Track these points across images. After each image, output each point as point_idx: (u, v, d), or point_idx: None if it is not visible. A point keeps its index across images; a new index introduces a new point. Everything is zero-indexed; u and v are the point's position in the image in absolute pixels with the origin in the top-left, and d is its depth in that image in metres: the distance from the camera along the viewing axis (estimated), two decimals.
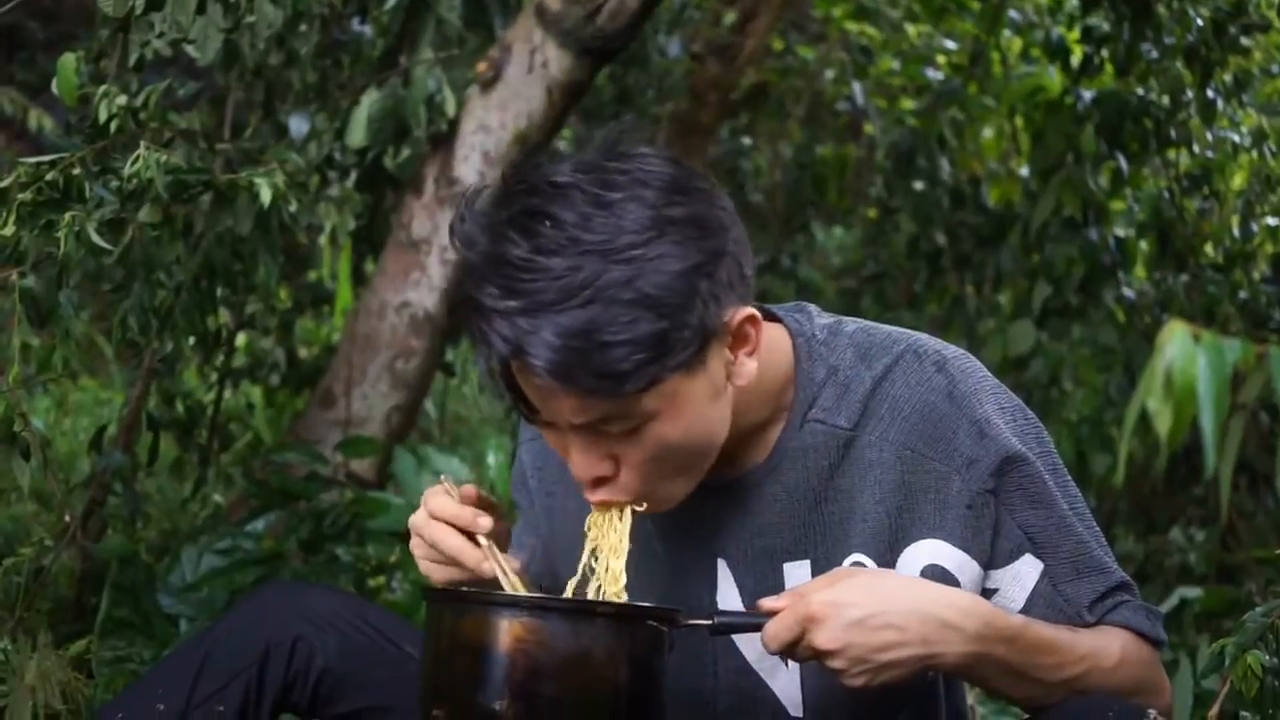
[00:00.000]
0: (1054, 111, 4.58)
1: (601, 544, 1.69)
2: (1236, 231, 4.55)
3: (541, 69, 3.42)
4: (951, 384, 1.73)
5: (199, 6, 2.59)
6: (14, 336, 2.33)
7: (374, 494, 3.36)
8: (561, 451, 1.68)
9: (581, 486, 1.68)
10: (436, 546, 1.70)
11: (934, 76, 5.87)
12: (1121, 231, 4.67)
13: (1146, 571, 4.30)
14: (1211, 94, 4.31)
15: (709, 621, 1.69)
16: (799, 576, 1.76)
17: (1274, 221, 4.60)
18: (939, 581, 1.71)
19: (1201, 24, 4.18)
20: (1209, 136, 4.53)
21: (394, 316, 3.50)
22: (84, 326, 4.10)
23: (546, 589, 1.84)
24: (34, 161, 2.40)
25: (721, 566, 1.80)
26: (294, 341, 4.08)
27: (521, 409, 1.66)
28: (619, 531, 1.68)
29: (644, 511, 1.69)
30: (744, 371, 1.66)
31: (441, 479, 1.75)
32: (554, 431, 1.66)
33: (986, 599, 1.73)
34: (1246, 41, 4.43)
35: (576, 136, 6.18)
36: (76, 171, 2.41)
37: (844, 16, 6.21)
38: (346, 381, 3.51)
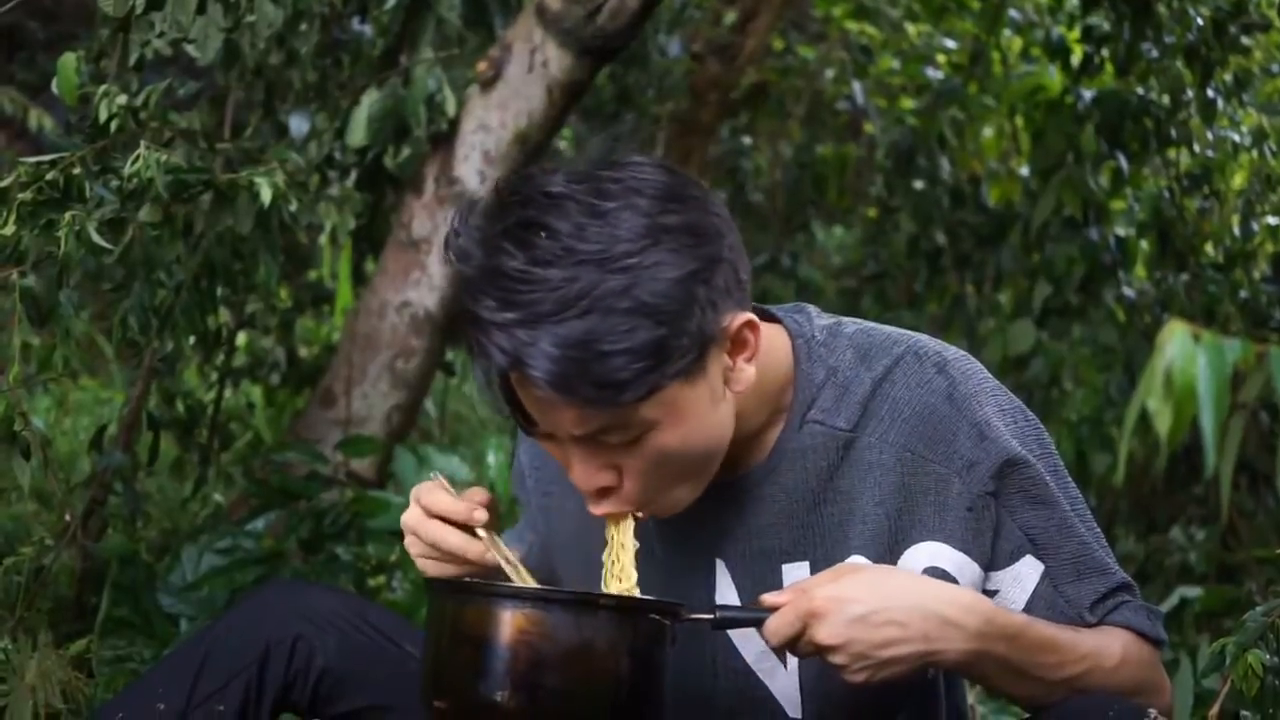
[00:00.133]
0: (1054, 111, 4.58)
1: (615, 544, 1.69)
2: (1237, 231, 4.55)
3: (542, 68, 3.42)
4: (952, 386, 1.73)
5: (199, 6, 2.58)
6: (14, 336, 2.33)
7: (374, 493, 3.36)
8: (563, 462, 1.68)
9: (586, 497, 1.68)
10: (436, 545, 1.70)
11: (934, 76, 5.87)
12: (1122, 231, 4.67)
13: (1147, 571, 4.29)
14: (1212, 93, 4.30)
15: (711, 615, 1.69)
16: (798, 578, 1.76)
17: (1274, 221, 4.60)
18: None
19: (1202, 23, 4.18)
20: (1209, 136, 4.52)
21: (394, 316, 3.50)
22: (84, 326, 4.09)
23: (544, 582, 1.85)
24: (34, 161, 2.40)
25: (720, 568, 1.80)
26: (294, 341, 4.07)
27: (520, 421, 1.66)
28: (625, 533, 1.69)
29: (645, 517, 1.69)
30: (743, 377, 1.66)
31: (433, 475, 1.74)
32: (554, 443, 1.66)
33: None
34: (1247, 41, 4.43)
35: (576, 136, 6.18)
36: (77, 171, 2.41)
37: (844, 16, 6.21)
38: (347, 381, 3.51)
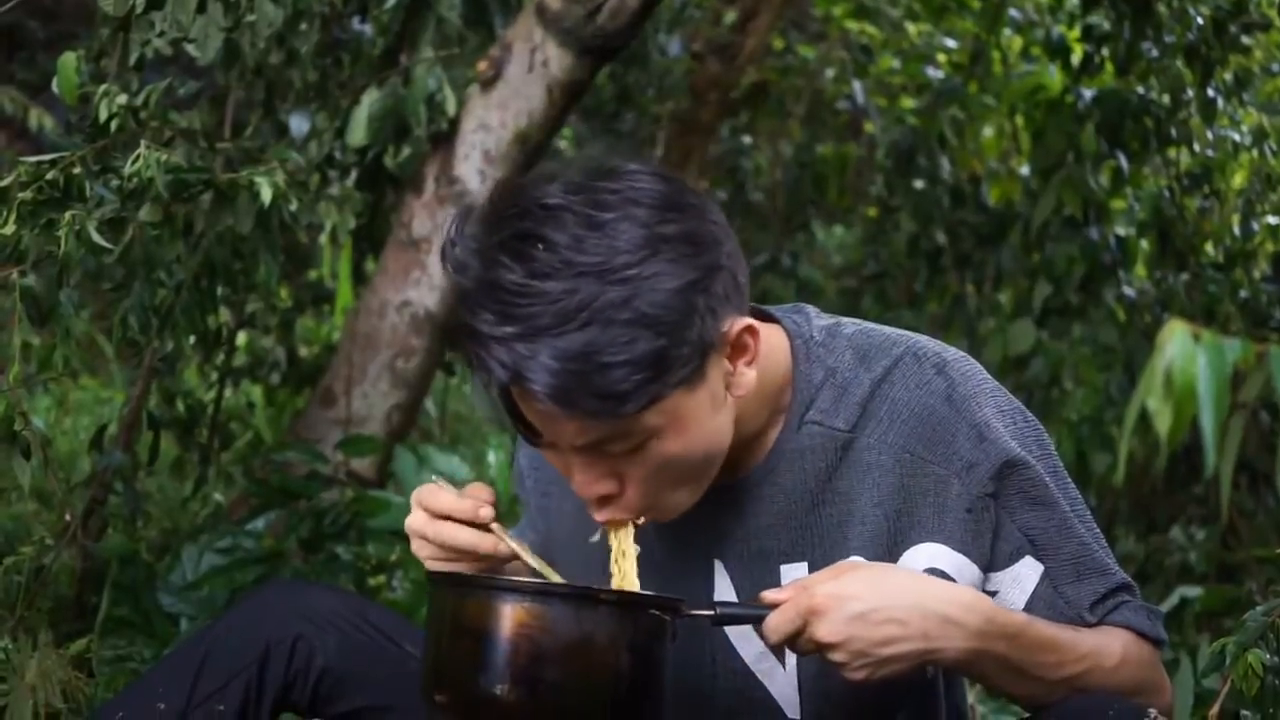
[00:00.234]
0: (1054, 110, 4.58)
1: (617, 550, 1.69)
2: (1237, 230, 4.55)
3: (542, 68, 3.42)
4: (951, 387, 1.73)
5: (199, 5, 2.58)
6: (14, 335, 2.33)
7: (374, 493, 3.36)
8: (564, 471, 1.67)
9: (587, 504, 1.68)
10: (447, 545, 1.69)
11: (934, 75, 5.87)
12: (1122, 230, 4.67)
13: (1147, 571, 4.29)
14: (1212, 93, 4.31)
15: (711, 612, 1.69)
16: (796, 579, 1.75)
17: (1274, 220, 4.60)
18: None
19: (1202, 23, 4.18)
20: (1209, 135, 4.52)
21: (394, 315, 3.50)
22: (84, 325, 4.09)
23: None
24: (34, 160, 2.40)
25: (719, 569, 1.79)
26: (294, 340, 4.08)
27: (523, 433, 1.65)
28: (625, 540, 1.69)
29: (645, 522, 1.69)
30: (743, 381, 1.66)
31: (434, 479, 1.74)
32: (555, 452, 1.66)
33: None
34: (1247, 40, 4.43)
35: (577, 136, 6.19)
36: (77, 170, 2.41)
37: (844, 15, 6.22)
38: (347, 380, 3.51)
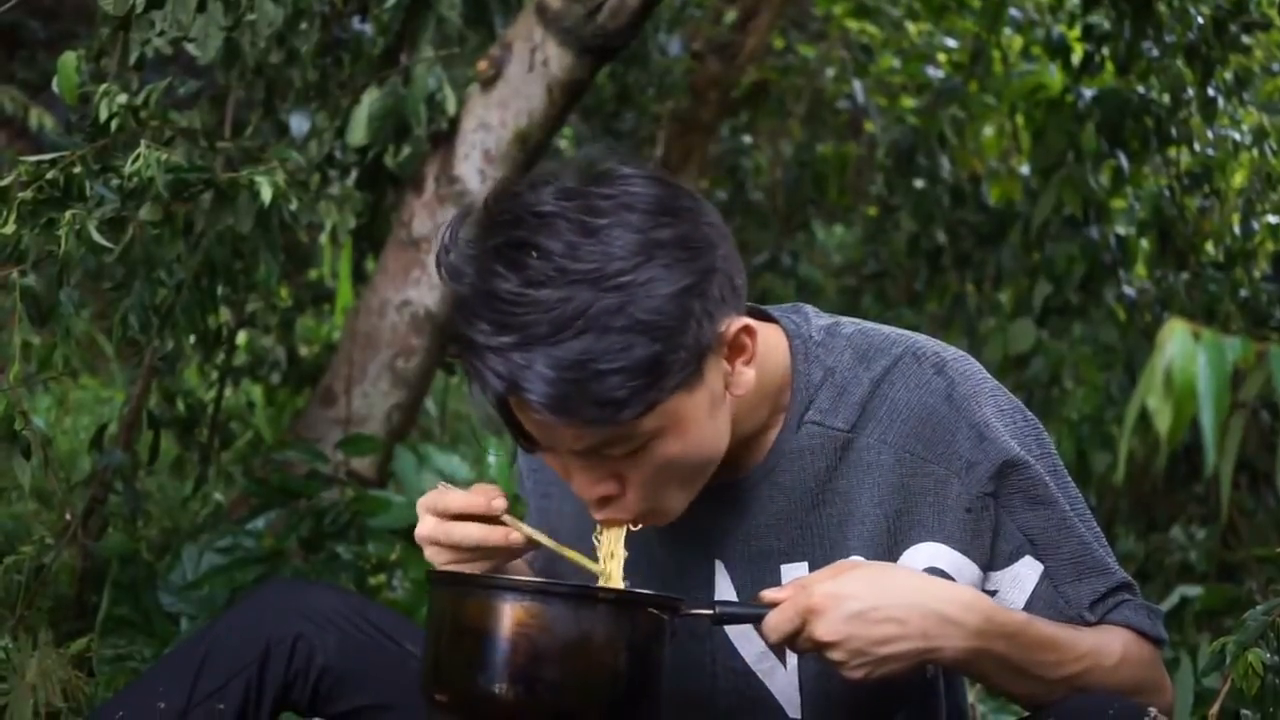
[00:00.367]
0: (1055, 109, 4.58)
1: (605, 550, 1.69)
2: (1237, 230, 4.55)
3: (542, 67, 3.42)
4: (951, 386, 1.73)
5: (199, 5, 2.59)
6: (15, 335, 2.33)
7: (374, 492, 3.36)
8: (564, 474, 1.67)
9: (588, 505, 1.68)
10: (462, 544, 1.68)
11: (934, 74, 5.87)
12: (1122, 230, 4.67)
13: (1147, 570, 4.29)
14: (1212, 92, 4.31)
15: (710, 611, 1.69)
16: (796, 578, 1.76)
17: (1275, 219, 4.60)
18: None
19: (1202, 22, 4.18)
20: (1210, 134, 4.52)
21: (394, 315, 3.50)
22: (84, 325, 4.10)
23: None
24: (35, 160, 2.41)
25: (719, 569, 1.79)
26: (295, 340, 4.08)
27: (521, 442, 1.65)
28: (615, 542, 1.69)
29: (641, 526, 1.69)
30: (742, 381, 1.66)
31: (439, 485, 1.74)
32: (555, 457, 1.65)
33: None
34: (1247, 40, 4.43)
35: (577, 135, 6.19)
36: (77, 170, 2.41)
37: (844, 14, 6.22)
38: (347, 380, 3.51)
